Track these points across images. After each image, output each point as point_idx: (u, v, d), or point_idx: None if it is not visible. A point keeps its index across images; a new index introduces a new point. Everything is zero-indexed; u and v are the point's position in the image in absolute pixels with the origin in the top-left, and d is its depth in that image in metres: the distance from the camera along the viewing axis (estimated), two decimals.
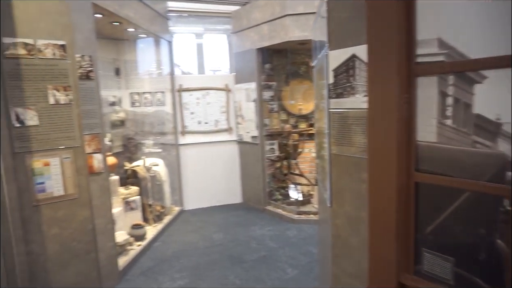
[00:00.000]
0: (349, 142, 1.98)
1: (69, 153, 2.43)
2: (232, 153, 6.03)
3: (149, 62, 5.53)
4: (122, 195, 4.46)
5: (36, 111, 2.30)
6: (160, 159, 5.41)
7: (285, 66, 5.98)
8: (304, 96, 5.94)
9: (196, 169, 5.85)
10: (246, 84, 5.59)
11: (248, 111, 5.62)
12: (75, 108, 2.56)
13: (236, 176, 6.08)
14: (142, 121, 5.50)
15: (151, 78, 5.55)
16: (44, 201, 2.35)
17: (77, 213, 2.58)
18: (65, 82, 2.49)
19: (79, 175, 2.58)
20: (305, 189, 5.74)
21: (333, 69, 1.97)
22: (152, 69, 5.56)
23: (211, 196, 5.98)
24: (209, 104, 5.87)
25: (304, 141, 5.63)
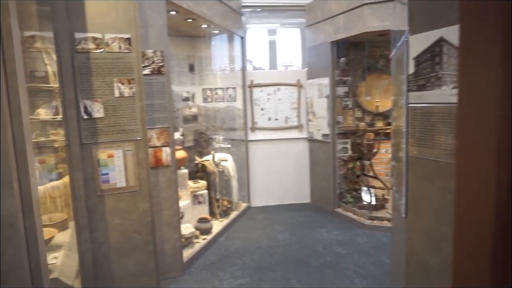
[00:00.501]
0: (432, 144, 1.67)
1: (131, 146, 2.50)
2: (302, 151, 5.83)
3: (222, 58, 5.58)
4: (191, 188, 4.55)
5: (102, 103, 2.41)
6: (229, 154, 5.43)
7: (362, 60, 5.58)
8: (382, 92, 5.49)
9: (264, 165, 5.77)
10: (318, 79, 5.34)
11: (320, 108, 5.37)
12: (138, 101, 2.61)
13: (305, 175, 5.87)
14: (213, 116, 5.58)
15: (223, 74, 5.60)
16: (108, 191, 2.46)
17: (138, 205, 2.65)
18: (129, 75, 2.56)
19: (140, 168, 2.63)
20: (379, 193, 5.31)
21: (414, 57, 1.68)
22: (225, 65, 5.60)
23: (279, 194, 5.85)
24: (280, 101, 5.74)
25: (380, 141, 5.19)
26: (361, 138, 5.24)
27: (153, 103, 3.28)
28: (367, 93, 5.56)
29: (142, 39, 3.20)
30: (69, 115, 2.41)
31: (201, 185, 4.67)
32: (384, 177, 5.65)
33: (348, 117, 5.79)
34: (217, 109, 5.58)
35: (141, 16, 3.17)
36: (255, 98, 5.70)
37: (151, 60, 3.25)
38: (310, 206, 5.75)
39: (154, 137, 3.30)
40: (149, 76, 3.25)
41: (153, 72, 3.27)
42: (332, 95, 5.11)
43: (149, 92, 3.25)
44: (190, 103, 5.31)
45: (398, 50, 2.25)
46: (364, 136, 5.21)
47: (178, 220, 3.51)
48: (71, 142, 2.35)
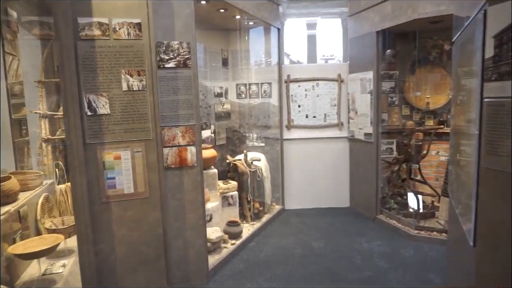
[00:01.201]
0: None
1: (140, 146, 2.25)
2: (342, 151, 5.40)
3: (257, 52, 5.28)
4: (220, 189, 4.31)
5: (108, 98, 2.17)
6: (262, 153, 5.13)
7: (411, 52, 5.04)
8: (433, 87, 4.92)
9: (300, 166, 5.41)
10: (362, 73, 4.88)
11: (362, 105, 4.91)
12: (149, 96, 2.35)
13: (345, 177, 5.43)
14: (247, 113, 5.30)
15: (258, 69, 5.29)
16: (114, 198, 2.21)
17: (148, 214, 2.38)
18: (139, 66, 2.30)
19: (151, 172, 2.37)
20: (427, 199, 4.77)
21: (494, 35, 1.27)
22: (260, 59, 5.29)
23: (315, 197, 5.47)
24: (318, 97, 5.35)
25: (431, 141, 4.65)
26: (408, 139, 4.72)
27: (177, 99, 3.04)
28: (416, 89, 5.01)
29: (167, 30, 2.98)
30: (71, 111, 2.18)
31: (232, 185, 4.41)
32: (434, 181, 5.09)
33: (394, 115, 5.28)
34: (251, 106, 5.30)
35: (166, 5, 2.94)
36: (291, 94, 5.35)
37: (176, 53, 3.01)
38: (349, 211, 5.31)
39: (178, 136, 3.07)
40: (174, 70, 3.02)
41: (178, 65, 3.03)
42: (376, 90, 4.63)
43: (173, 87, 3.02)
44: (222, 99, 5.06)
45: (465, 31, 1.82)
46: (412, 136, 4.69)
47: (203, 224, 3.26)
48: (73, 142, 2.14)
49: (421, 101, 4.97)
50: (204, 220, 3.30)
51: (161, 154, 3.02)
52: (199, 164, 3.18)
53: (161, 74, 2.99)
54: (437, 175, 5.19)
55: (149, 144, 2.35)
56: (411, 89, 5.12)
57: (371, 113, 4.73)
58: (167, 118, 3.03)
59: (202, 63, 4.68)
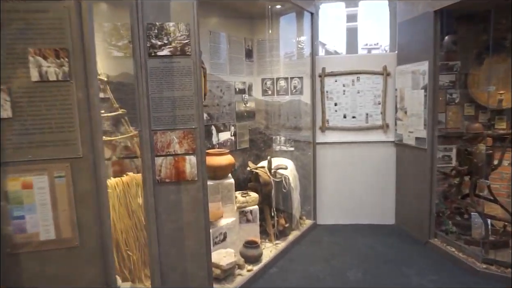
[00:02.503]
0: None
1: (63, 169, 1.56)
2: (387, 158, 4.53)
3: (287, 42, 4.54)
4: (238, 203, 3.64)
5: (7, 94, 1.50)
6: (291, 159, 4.41)
7: (478, 37, 4.05)
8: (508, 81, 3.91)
9: (336, 174, 4.62)
10: (414, 64, 3.99)
11: (414, 103, 4.02)
12: (77, 89, 1.63)
13: (390, 189, 4.56)
14: (274, 113, 4.59)
15: (288, 61, 4.55)
16: (25, 247, 1.49)
17: (80, 271, 1.66)
18: (58, 43, 1.56)
19: (82, 208, 1.65)
20: (498, 224, 3.80)
21: None
22: (290, 50, 4.55)
23: (353, 211, 4.65)
24: (359, 93, 4.51)
25: (505, 150, 3.67)
26: (473, 145, 3.77)
27: (173, 96, 2.42)
28: (484, 83, 4.02)
29: (161, 10, 2.36)
30: None
31: (252, 198, 3.73)
32: (505, 198, 4.09)
33: (453, 116, 4.32)
34: (279, 104, 4.58)
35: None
36: (327, 91, 4.56)
37: (171, 37, 2.38)
38: (394, 230, 4.44)
39: (175, 142, 2.45)
40: (169, 59, 2.40)
41: (175, 53, 2.40)
42: (433, 85, 3.73)
43: (169, 80, 2.40)
44: (245, 96, 4.39)
45: None
46: (478, 142, 3.73)
47: (207, 253, 2.62)
48: None
49: (492, 99, 3.97)
50: (209, 247, 2.64)
51: (149, 166, 2.41)
52: (201, 177, 2.53)
53: (152, 64, 2.38)
54: (508, 191, 4.16)
55: (79, 165, 1.65)
56: (476, 83, 4.13)
57: (425, 113, 3.82)
58: (160, 120, 2.42)
59: (222, 54, 4.04)
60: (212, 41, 3.86)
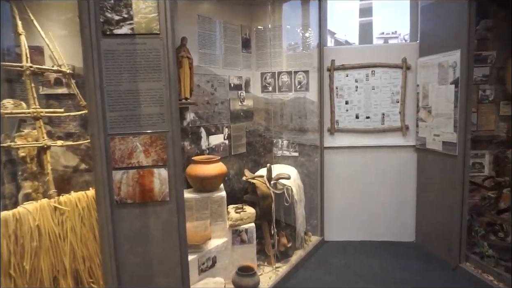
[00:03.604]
0: None
1: None
2: (406, 164, 3.90)
3: (290, 30, 3.92)
4: (231, 220, 3.03)
5: None
6: (295, 167, 3.79)
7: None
8: None
9: (347, 183, 3.99)
10: (440, 55, 3.35)
11: (440, 101, 3.39)
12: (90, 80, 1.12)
13: (409, 201, 3.93)
14: (275, 112, 3.97)
15: (292, 53, 3.93)
16: None
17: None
18: None
19: None
20: None
21: None
22: (294, 39, 3.93)
23: (367, 226, 4.02)
24: (374, 90, 3.88)
25: None
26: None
27: (137, 89, 1.82)
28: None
29: None
30: None
31: (248, 214, 3.12)
32: None
33: (486, 116, 3.67)
34: (281, 103, 3.96)
35: None
36: (336, 87, 3.94)
37: (133, 9, 1.78)
38: (415, 249, 3.80)
39: (139, 150, 1.85)
40: (130, 39, 1.81)
41: (138, 31, 1.80)
42: (466, 79, 3.08)
43: (129, 68, 1.80)
44: (242, 93, 3.78)
45: None
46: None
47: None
48: None
49: None
50: (187, 286, 2.04)
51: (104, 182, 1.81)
52: (175, 196, 1.93)
53: (107, 46, 1.79)
54: None
55: None
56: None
57: (456, 113, 3.19)
58: (118, 121, 1.82)
59: (215, 44, 3.43)
60: (201, 27, 3.26)
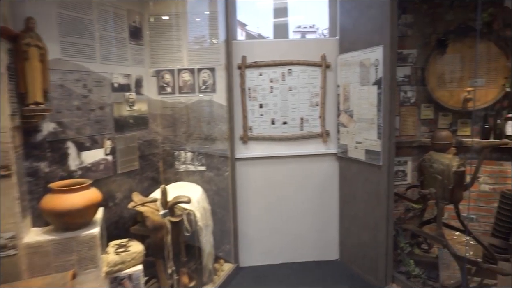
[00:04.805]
0: None
1: None
2: (328, 175, 3.48)
3: (194, 19, 3.24)
4: (108, 265, 2.27)
5: None
6: (198, 186, 3.13)
7: (439, 18, 3.15)
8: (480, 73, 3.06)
9: (263, 199, 3.46)
10: (361, 52, 2.95)
11: (362, 104, 2.99)
12: None
13: (332, 215, 3.52)
14: (176, 118, 3.27)
15: (195, 47, 3.25)
16: None
17: None
18: None
19: None
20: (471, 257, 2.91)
21: None
22: (199, 31, 3.26)
23: (288, 246, 3.53)
24: (291, 91, 3.39)
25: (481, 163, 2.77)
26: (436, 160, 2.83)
27: None
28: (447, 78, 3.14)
29: None
30: None
31: (132, 255, 2.38)
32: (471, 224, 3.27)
33: (409, 120, 3.39)
34: (184, 106, 3.27)
35: None
36: (249, 88, 3.37)
37: None
38: (340, 269, 3.39)
39: None
40: None
41: None
42: (390, 79, 2.70)
43: None
44: (131, 95, 3.01)
45: None
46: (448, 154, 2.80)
47: None
48: None
49: (453, 99, 3.10)
50: None
51: None
52: None
53: None
54: (476, 213, 3.34)
55: None
56: (435, 78, 3.24)
57: (379, 117, 2.80)
58: None
59: (87, 31, 2.62)
60: (63, 7, 2.43)
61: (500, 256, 2.97)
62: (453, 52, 3.12)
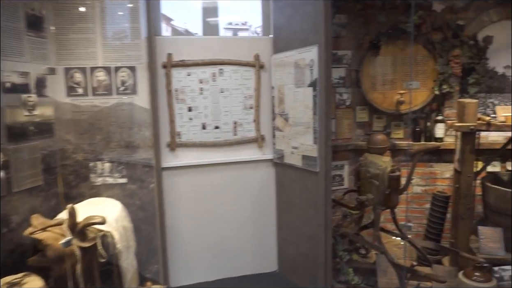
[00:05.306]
0: None
1: None
2: (265, 182, 3.29)
3: (110, 12, 2.82)
4: None
5: None
6: (118, 201, 2.73)
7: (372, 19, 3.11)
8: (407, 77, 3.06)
9: (195, 211, 3.17)
10: (296, 52, 2.79)
11: (298, 106, 2.83)
12: None
13: (270, 225, 3.33)
14: (90, 124, 2.83)
15: (112, 43, 2.83)
16: None
17: None
18: None
19: None
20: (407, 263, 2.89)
21: None
22: (117, 24, 2.85)
23: (224, 260, 3.27)
24: (223, 93, 3.13)
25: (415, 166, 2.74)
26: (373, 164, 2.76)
27: None
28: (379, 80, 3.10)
29: None
30: None
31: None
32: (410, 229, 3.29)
33: (344, 122, 3.31)
34: (99, 110, 2.83)
35: None
36: (176, 89, 3.04)
37: None
38: (279, 281, 3.22)
39: None
40: None
41: None
42: (325, 80, 2.55)
43: None
44: (30, 97, 2.51)
45: None
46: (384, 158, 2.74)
47: None
48: None
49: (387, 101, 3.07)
50: None
51: None
52: None
53: None
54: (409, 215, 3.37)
55: None
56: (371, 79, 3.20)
57: (315, 121, 2.65)
58: None
59: None
60: None
61: (433, 257, 3.00)
62: (385, 54, 3.10)
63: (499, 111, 2.56)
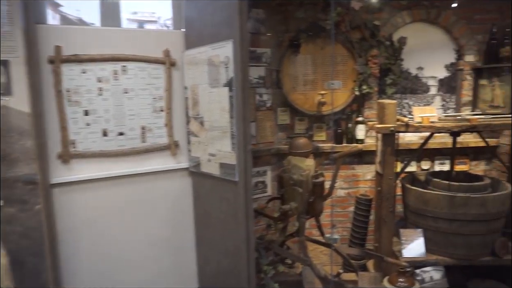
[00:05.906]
0: None
1: None
2: (182, 194, 2.93)
3: None
4: None
5: None
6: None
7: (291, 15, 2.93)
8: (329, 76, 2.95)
9: (99, 233, 2.68)
10: (209, 48, 2.48)
11: (213, 109, 2.52)
12: None
13: (188, 242, 2.99)
14: None
15: None
16: None
17: None
18: None
19: None
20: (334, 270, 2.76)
21: None
22: None
23: (132, 282, 2.82)
24: (127, 94, 2.69)
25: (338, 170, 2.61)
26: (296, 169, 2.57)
27: None
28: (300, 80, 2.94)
29: None
30: None
31: None
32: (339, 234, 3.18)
33: (265, 125, 3.10)
34: None
35: None
36: (68, 89, 2.53)
37: None
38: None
39: None
40: None
41: None
42: (242, 79, 2.28)
43: None
44: None
45: None
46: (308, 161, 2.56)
47: None
48: None
49: (308, 102, 2.92)
50: None
51: None
52: None
53: None
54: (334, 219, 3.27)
55: None
56: (291, 79, 3.02)
57: (233, 125, 2.37)
58: None
59: None
60: None
61: (358, 263, 2.92)
62: (306, 53, 2.95)
63: (416, 112, 2.55)
